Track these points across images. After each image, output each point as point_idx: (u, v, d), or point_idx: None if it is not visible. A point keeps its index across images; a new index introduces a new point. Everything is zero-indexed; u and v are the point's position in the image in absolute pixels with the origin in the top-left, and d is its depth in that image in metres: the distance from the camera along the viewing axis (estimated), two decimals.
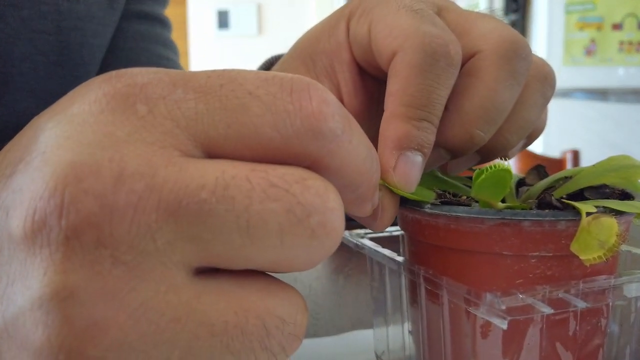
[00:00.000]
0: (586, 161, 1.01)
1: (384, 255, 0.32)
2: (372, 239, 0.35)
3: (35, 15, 0.53)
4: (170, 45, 0.70)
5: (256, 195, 0.16)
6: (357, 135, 0.19)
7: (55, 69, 0.55)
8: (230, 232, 0.16)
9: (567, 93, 2.36)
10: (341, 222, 0.17)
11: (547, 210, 0.26)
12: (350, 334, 0.43)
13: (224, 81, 0.17)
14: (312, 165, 0.18)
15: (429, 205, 0.28)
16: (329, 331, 0.44)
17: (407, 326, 0.35)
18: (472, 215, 0.26)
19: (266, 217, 0.16)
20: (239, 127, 0.17)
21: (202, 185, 0.16)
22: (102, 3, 0.57)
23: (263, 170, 0.17)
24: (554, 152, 1.98)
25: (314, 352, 0.40)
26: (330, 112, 0.17)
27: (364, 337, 0.42)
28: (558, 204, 0.26)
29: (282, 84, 0.17)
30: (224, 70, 0.18)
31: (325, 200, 0.17)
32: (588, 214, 0.25)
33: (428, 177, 0.32)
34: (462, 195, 0.31)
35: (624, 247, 0.32)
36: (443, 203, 0.28)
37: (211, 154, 0.17)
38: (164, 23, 0.70)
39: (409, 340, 0.35)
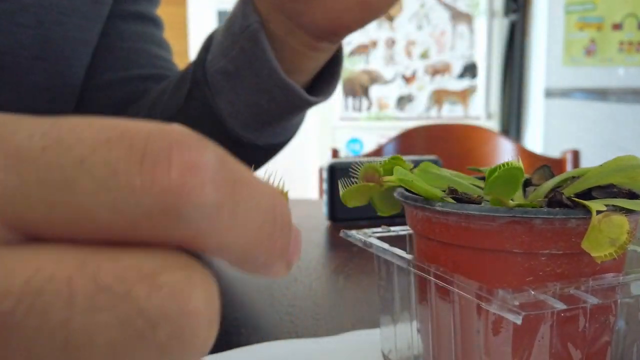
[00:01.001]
0: (586, 161, 1.01)
1: (393, 253, 0.33)
2: (379, 238, 0.35)
3: (17, 8, 0.53)
4: (164, 45, 0.70)
5: (79, 304, 0.12)
6: (247, 199, 0.14)
7: (37, 62, 0.55)
8: (44, 353, 0.12)
9: (567, 93, 2.36)
10: (208, 326, 0.13)
11: (557, 209, 0.26)
12: (351, 333, 0.43)
13: (48, 142, 0.13)
14: (182, 245, 0.14)
15: (440, 203, 0.28)
16: (329, 331, 0.44)
17: (415, 325, 0.35)
18: (484, 213, 0.27)
19: (92, 334, 0.12)
20: (64, 209, 0.13)
21: (5, 291, 0.12)
22: None
23: (96, 265, 0.12)
24: (553, 152, 1.98)
25: (314, 352, 0.40)
26: (198, 182, 0.13)
27: (366, 337, 0.42)
28: (569, 203, 0.26)
29: (132, 146, 0.13)
30: (55, 123, 0.13)
31: (182, 303, 0.13)
32: (598, 212, 0.25)
33: (437, 177, 0.32)
34: (472, 194, 0.31)
35: (629, 247, 0.32)
36: (455, 200, 0.28)
37: (36, 237, 0.13)
38: (156, 23, 0.70)
39: (417, 338, 0.35)
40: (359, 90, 2.62)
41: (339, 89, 2.62)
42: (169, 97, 0.59)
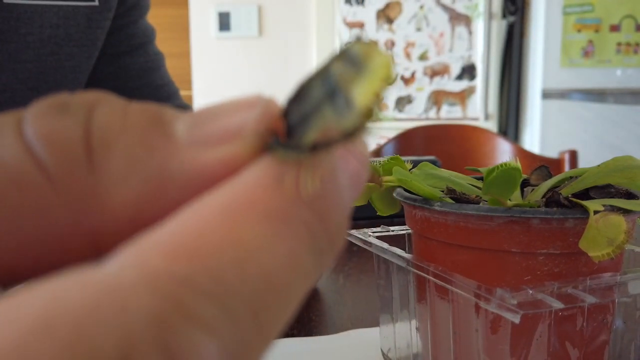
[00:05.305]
0: (584, 162, 1.01)
1: (392, 253, 0.33)
2: (378, 238, 0.36)
3: (21, 47, 0.53)
4: (161, 62, 0.71)
5: None
6: None
7: (32, 94, 0.56)
8: None
9: (565, 94, 2.37)
10: None
11: (555, 209, 0.26)
12: (351, 332, 0.43)
13: None
14: None
15: (438, 203, 0.28)
16: (329, 330, 0.44)
17: (414, 323, 0.35)
18: (482, 213, 0.27)
19: None
20: None
21: None
22: (81, 24, 0.58)
23: None
24: (551, 153, 1.98)
25: (314, 350, 0.40)
26: None
27: (365, 336, 0.42)
28: (566, 203, 0.27)
29: None
30: None
31: None
32: (596, 212, 0.25)
33: (435, 177, 0.32)
34: (470, 195, 0.31)
35: (627, 246, 0.32)
36: (453, 200, 0.28)
37: None
38: (151, 39, 0.70)
39: (416, 337, 0.35)
40: None
41: None
42: None
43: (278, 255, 0.09)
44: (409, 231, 0.36)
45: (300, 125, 0.10)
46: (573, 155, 1.35)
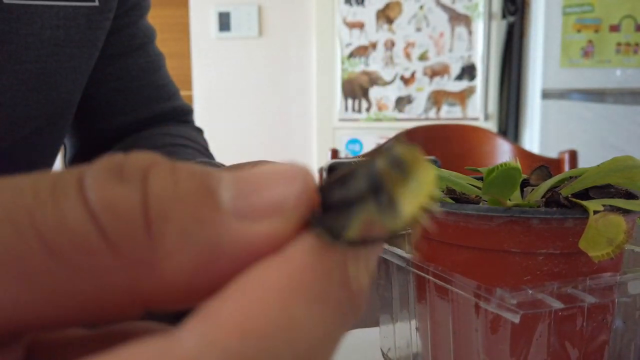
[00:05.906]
0: (584, 162, 1.01)
1: (392, 253, 0.33)
2: None
3: (21, 47, 0.53)
4: (159, 61, 0.71)
5: None
6: None
7: (32, 95, 0.56)
8: None
9: (565, 94, 2.37)
10: None
11: (555, 209, 0.26)
12: (351, 332, 0.43)
13: None
14: None
15: (439, 203, 0.28)
16: None
17: (414, 323, 0.35)
18: (482, 213, 0.27)
19: None
20: None
21: None
22: (81, 25, 0.58)
23: None
24: (551, 153, 1.98)
25: None
26: None
27: (365, 336, 0.42)
28: (566, 203, 0.27)
29: None
30: None
31: None
32: (596, 212, 0.25)
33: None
34: (470, 195, 0.31)
35: (626, 246, 0.32)
36: (453, 200, 0.28)
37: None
38: (151, 39, 0.70)
39: (416, 337, 0.35)
40: (358, 91, 2.63)
41: (338, 91, 2.62)
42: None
43: (320, 332, 0.11)
44: (409, 231, 0.36)
45: (341, 210, 0.11)
46: (573, 155, 1.35)
